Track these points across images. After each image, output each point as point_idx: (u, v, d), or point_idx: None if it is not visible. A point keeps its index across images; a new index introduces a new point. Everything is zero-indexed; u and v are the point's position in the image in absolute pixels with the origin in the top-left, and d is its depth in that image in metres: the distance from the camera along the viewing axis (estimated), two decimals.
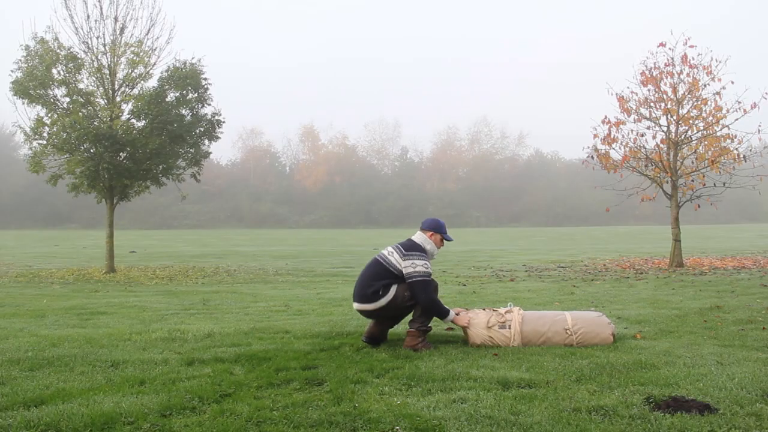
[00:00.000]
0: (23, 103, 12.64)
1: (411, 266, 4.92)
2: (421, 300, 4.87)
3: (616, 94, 13.14)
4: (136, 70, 13.06)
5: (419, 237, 5.17)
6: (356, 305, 5.10)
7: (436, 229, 5.21)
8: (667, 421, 3.05)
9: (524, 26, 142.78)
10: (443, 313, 4.97)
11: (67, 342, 5.06)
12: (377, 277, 5.04)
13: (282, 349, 4.80)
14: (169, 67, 13.25)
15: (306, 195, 69.96)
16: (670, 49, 12.65)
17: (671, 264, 12.70)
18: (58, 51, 12.50)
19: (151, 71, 13.22)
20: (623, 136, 13.01)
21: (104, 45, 12.90)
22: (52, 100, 12.69)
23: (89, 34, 12.86)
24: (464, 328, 5.03)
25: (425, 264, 4.95)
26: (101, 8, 12.88)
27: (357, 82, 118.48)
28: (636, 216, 67.25)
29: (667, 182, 12.92)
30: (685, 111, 12.77)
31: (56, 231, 49.72)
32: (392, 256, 5.07)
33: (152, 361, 4.36)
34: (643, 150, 12.96)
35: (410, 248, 5.03)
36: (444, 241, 5.26)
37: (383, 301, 4.96)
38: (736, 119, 12.38)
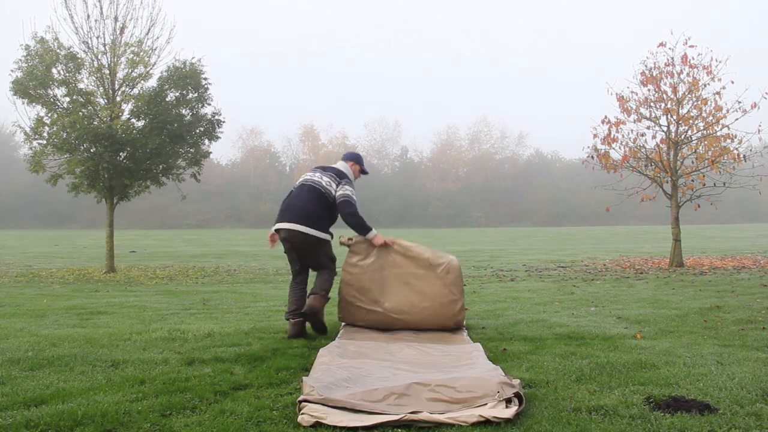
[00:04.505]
0: (23, 103, 12.65)
1: (343, 190, 5.36)
2: (346, 213, 5.30)
3: (616, 93, 13.15)
4: (136, 70, 13.05)
5: (343, 166, 5.65)
6: (291, 225, 5.29)
7: (356, 160, 5.82)
8: (667, 421, 3.05)
9: (525, 26, 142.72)
10: (366, 229, 5.43)
11: (67, 342, 5.06)
12: (323, 206, 5.35)
13: (282, 349, 4.81)
14: (169, 66, 13.24)
15: None
16: (670, 49, 12.67)
17: (671, 264, 12.70)
18: (58, 51, 12.49)
19: (151, 71, 13.22)
20: (623, 136, 13.02)
21: (104, 45, 12.90)
22: (52, 99, 12.68)
23: (89, 33, 12.87)
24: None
25: (353, 191, 5.43)
26: (101, 8, 12.88)
27: (357, 82, 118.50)
28: (636, 216, 67.21)
29: (667, 182, 12.91)
30: (685, 111, 12.76)
31: (56, 231, 49.72)
32: (330, 185, 5.40)
33: (152, 361, 4.37)
34: (643, 150, 12.96)
35: (343, 176, 5.49)
36: (361, 173, 5.83)
37: (325, 236, 5.36)
38: (736, 119, 12.38)
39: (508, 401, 3.21)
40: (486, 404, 3.19)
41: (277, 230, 5.45)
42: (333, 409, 3.14)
